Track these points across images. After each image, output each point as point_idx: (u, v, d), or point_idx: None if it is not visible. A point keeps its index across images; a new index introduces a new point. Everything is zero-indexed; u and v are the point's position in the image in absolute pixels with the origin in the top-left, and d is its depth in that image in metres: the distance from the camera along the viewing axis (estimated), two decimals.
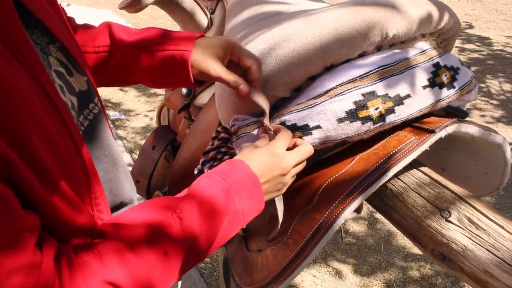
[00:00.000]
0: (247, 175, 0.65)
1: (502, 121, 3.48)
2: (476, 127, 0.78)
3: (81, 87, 0.66)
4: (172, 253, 0.55)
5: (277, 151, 0.69)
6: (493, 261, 0.63)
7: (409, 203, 0.74)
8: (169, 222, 0.56)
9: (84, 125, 0.65)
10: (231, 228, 0.63)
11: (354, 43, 0.76)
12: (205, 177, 0.64)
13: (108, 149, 0.70)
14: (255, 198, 0.65)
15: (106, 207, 0.61)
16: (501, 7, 6.59)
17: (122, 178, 0.73)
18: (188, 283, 2.12)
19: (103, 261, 0.50)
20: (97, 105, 0.70)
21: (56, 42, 0.63)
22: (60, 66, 0.62)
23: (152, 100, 3.89)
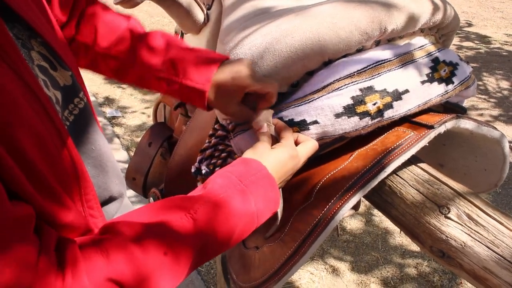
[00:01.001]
0: (264, 177, 0.64)
1: (500, 119, 3.49)
2: (475, 122, 0.77)
3: (66, 81, 0.65)
4: (183, 255, 0.54)
5: (294, 153, 0.69)
6: (493, 258, 0.62)
7: (408, 200, 0.73)
8: (182, 223, 0.55)
9: (70, 120, 0.64)
10: (244, 231, 0.62)
11: (352, 38, 0.75)
12: (221, 176, 0.63)
13: (95, 143, 0.69)
14: (271, 200, 0.65)
15: (96, 202, 0.60)
16: (498, 5, 6.60)
17: (111, 173, 0.72)
18: (185, 280, 2.11)
19: (110, 258, 0.49)
20: (83, 100, 0.69)
21: (38, 37, 0.62)
22: (43, 61, 0.61)
23: (149, 98, 3.88)
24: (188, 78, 0.74)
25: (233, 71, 0.73)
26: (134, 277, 0.50)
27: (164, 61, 0.76)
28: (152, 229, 0.53)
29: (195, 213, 0.56)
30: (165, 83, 0.77)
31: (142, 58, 0.78)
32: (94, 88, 4.08)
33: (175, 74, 0.76)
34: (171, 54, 0.77)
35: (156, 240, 0.52)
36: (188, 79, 0.74)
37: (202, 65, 0.75)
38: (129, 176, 1.22)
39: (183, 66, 0.75)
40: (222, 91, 0.74)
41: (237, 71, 0.72)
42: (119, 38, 0.80)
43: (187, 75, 0.75)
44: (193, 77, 0.74)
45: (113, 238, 0.52)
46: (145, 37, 0.79)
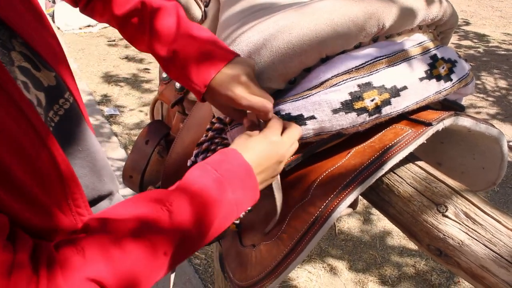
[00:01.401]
0: (240, 165, 0.63)
1: (498, 117, 3.49)
2: (473, 120, 0.77)
3: (50, 82, 0.64)
4: (160, 247, 0.54)
5: (273, 139, 0.67)
6: (490, 256, 0.62)
7: (405, 198, 0.73)
8: (158, 216, 0.54)
9: (55, 121, 0.63)
10: (225, 219, 0.61)
11: (350, 34, 0.75)
12: (197, 168, 0.62)
13: (82, 144, 0.68)
14: (249, 188, 0.63)
15: (84, 201, 0.60)
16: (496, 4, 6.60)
17: (100, 172, 0.72)
18: (182, 279, 2.11)
19: (86, 257, 0.49)
20: (68, 100, 0.68)
21: (17, 37, 0.61)
22: (25, 61, 0.60)
23: (147, 96, 3.87)
24: (187, 75, 0.74)
25: (232, 82, 0.71)
26: (112, 274, 0.49)
27: (168, 50, 0.75)
28: (128, 224, 0.52)
29: (171, 205, 0.55)
30: (167, 67, 0.77)
31: (149, 37, 0.77)
32: (92, 86, 4.07)
33: (175, 65, 0.75)
34: (176, 44, 0.75)
35: (133, 235, 0.52)
36: (186, 77, 0.74)
37: (204, 64, 0.73)
38: (126, 174, 1.22)
39: (184, 61, 0.74)
40: (217, 96, 0.73)
41: (236, 83, 0.71)
42: (131, 9, 0.78)
43: (186, 71, 0.74)
44: (191, 76, 0.74)
45: (89, 236, 0.51)
46: (156, 14, 0.77)
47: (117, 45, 5.03)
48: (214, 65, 0.73)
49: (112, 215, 0.54)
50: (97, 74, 4.32)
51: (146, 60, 4.60)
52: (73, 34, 5.41)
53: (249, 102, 0.70)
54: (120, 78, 4.22)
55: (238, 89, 0.71)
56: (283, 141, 0.68)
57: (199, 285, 2.08)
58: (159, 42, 0.76)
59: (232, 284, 0.82)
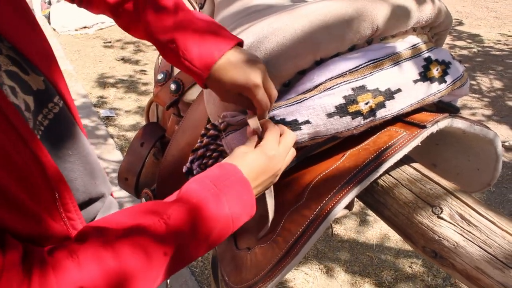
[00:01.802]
0: (239, 181, 0.63)
1: (493, 118, 3.50)
2: (467, 122, 0.77)
3: (39, 85, 0.64)
4: (156, 260, 0.53)
5: (271, 154, 0.67)
6: (485, 258, 0.62)
7: (400, 200, 0.73)
8: (155, 228, 0.54)
9: (44, 125, 0.63)
10: (220, 234, 0.61)
11: (344, 37, 0.75)
12: (195, 181, 0.62)
13: (72, 147, 0.68)
14: (246, 203, 0.63)
15: (74, 205, 0.59)
16: (491, 5, 6.63)
17: (91, 175, 0.71)
18: (179, 281, 2.10)
19: (81, 265, 0.48)
20: (58, 105, 0.67)
21: (4, 41, 0.60)
22: (12, 65, 0.60)
23: (143, 98, 3.86)
24: (188, 59, 0.70)
25: (237, 67, 0.68)
26: (105, 283, 0.49)
27: (167, 33, 0.71)
28: (125, 234, 0.52)
29: (169, 219, 0.55)
30: (165, 52, 0.73)
31: (146, 21, 0.73)
32: (88, 88, 4.06)
33: (174, 50, 0.71)
34: (175, 26, 0.71)
35: (129, 245, 0.52)
36: (187, 61, 0.70)
37: (206, 46, 0.70)
38: (121, 177, 1.21)
39: (184, 44, 0.70)
40: (221, 82, 0.70)
41: (240, 69, 0.68)
42: None
43: (187, 55, 0.70)
44: (193, 59, 0.70)
45: (84, 244, 0.51)
46: None
47: (113, 47, 5.02)
48: (218, 47, 0.69)
49: (108, 224, 0.53)
50: (93, 75, 4.31)
51: (142, 62, 4.59)
52: (69, 35, 5.40)
53: (262, 95, 0.69)
54: (116, 80, 4.21)
55: (258, 77, 0.68)
56: (280, 154, 0.68)
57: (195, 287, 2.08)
58: (156, 24, 0.72)
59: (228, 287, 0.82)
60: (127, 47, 4.98)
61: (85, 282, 0.48)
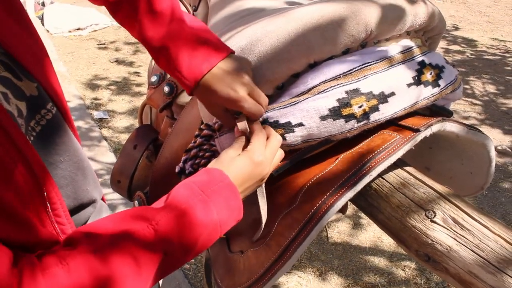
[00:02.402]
0: (226, 187, 0.63)
1: (486, 122, 3.52)
2: (461, 126, 0.77)
3: (32, 91, 0.64)
4: (145, 266, 0.53)
5: (258, 159, 0.67)
6: (478, 262, 0.62)
7: (394, 203, 0.73)
8: (144, 234, 0.54)
9: (36, 131, 0.63)
10: (208, 239, 0.61)
11: (338, 40, 0.75)
12: (183, 187, 0.62)
13: (64, 154, 0.68)
14: (234, 209, 0.64)
15: (64, 210, 0.59)
16: (484, 9, 6.68)
17: (82, 181, 0.71)
18: (172, 284, 2.09)
19: (71, 271, 0.48)
20: (51, 111, 0.67)
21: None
22: (5, 71, 0.59)
23: (137, 99, 3.85)
24: (177, 68, 0.71)
25: (235, 81, 0.69)
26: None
27: (159, 39, 0.71)
28: (114, 240, 0.52)
29: (157, 224, 0.55)
30: (157, 57, 0.74)
31: (140, 24, 0.72)
32: (81, 90, 4.04)
33: (166, 56, 0.72)
34: (168, 33, 0.71)
35: (118, 251, 0.52)
36: (177, 70, 0.71)
37: (196, 58, 0.70)
38: (114, 179, 1.20)
39: (175, 52, 0.71)
40: (210, 94, 0.71)
41: (239, 83, 0.69)
42: None
43: (176, 64, 0.71)
44: (181, 70, 0.71)
45: (74, 250, 0.50)
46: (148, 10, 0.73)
47: (107, 48, 5.00)
48: (208, 60, 0.70)
49: (97, 230, 0.53)
50: (86, 77, 4.29)
51: (136, 64, 4.58)
52: (62, 37, 5.37)
53: (250, 106, 0.69)
54: (110, 82, 4.20)
55: (241, 90, 0.69)
56: (266, 158, 0.68)
57: None
58: (150, 30, 0.72)
59: None
60: (121, 49, 4.96)
61: (75, 287, 0.47)
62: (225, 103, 0.71)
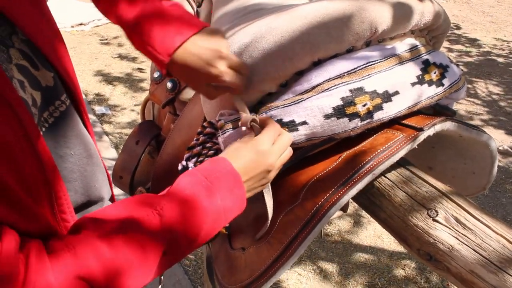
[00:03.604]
0: (229, 173, 0.63)
1: (489, 123, 3.51)
2: (464, 125, 0.77)
3: (48, 82, 0.63)
4: (150, 250, 0.54)
5: (261, 148, 0.67)
6: (480, 262, 0.62)
7: (396, 202, 0.73)
8: (149, 219, 0.54)
9: (49, 122, 0.62)
10: (213, 226, 0.61)
11: (343, 38, 0.74)
12: (187, 175, 0.63)
13: (75, 148, 0.67)
14: (237, 196, 0.64)
15: (69, 207, 0.59)
16: (487, 9, 6.66)
17: (91, 177, 0.71)
18: (172, 280, 2.09)
19: (77, 255, 0.49)
20: (65, 103, 0.67)
21: (19, 34, 0.60)
22: (23, 59, 0.59)
23: (139, 95, 3.85)
24: (149, 42, 0.70)
25: (202, 58, 0.68)
26: (102, 273, 0.49)
27: (132, 15, 0.71)
28: (120, 225, 0.53)
29: (162, 209, 0.56)
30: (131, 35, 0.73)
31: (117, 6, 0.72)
32: (83, 85, 4.04)
33: (139, 33, 0.71)
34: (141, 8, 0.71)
35: (124, 236, 0.52)
36: (149, 44, 0.70)
37: (169, 31, 0.69)
38: (116, 175, 1.21)
39: (148, 28, 0.70)
40: (187, 68, 0.70)
41: (217, 58, 0.68)
42: None
43: (150, 38, 0.70)
44: (154, 43, 0.69)
45: (80, 235, 0.51)
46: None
47: (109, 44, 4.99)
48: (181, 33, 0.69)
49: (103, 216, 0.54)
50: (89, 73, 4.29)
51: (139, 59, 4.58)
52: (64, 32, 5.36)
53: (232, 79, 0.69)
54: (113, 77, 4.19)
55: (220, 64, 0.69)
56: (272, 150, 0.68)
57: (188, 287, 2.07)
58: (125, 9, 0.71)
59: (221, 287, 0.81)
60: (124, 44, 4.96)
61: (81, 271, 0.48)
62: (206, 80, 0.71)
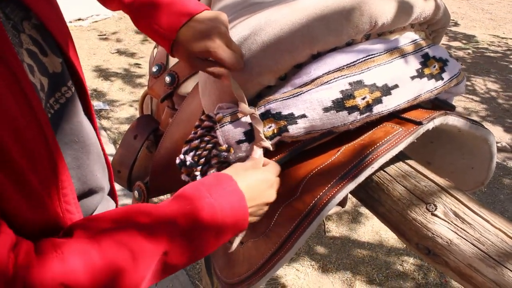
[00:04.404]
0: (234, 192, 0.63)
1: (487, 119, 3.52)
2: (463, 120, 0.77)
3: (55, 68, 0.63)
4: (142, 261, 0.53)
5: (269, 178, 0.68)
6: (478, 256, 0.62)
7: (395, 196, 0.72)
8: (146, 230, 0.54)
9: (54, 108, 0.62)
10: (211, 244, 0.61)
11: (342, 31, 0.74)
12: (191, 188, 0.62)
13: (79, 135, 0.67)
14: (239, 217, 0.63)
15: (73, 197, 0.59)
16: (486, 6, 6.65)
17: (93, 166, 0.71)
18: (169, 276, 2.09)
19: (65, 262, 0.48)
20: (70, 89, 0.67)
21: (32, 19, 0.60)
22: (32, 45, 0.59)
23: (137, 91, 3.84)
24: (157, 23, 0.74)
25: (213, 32, 0.71)
26: (89, 281, 0.48)
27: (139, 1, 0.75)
28: (114, 234, 0.52)
29: (159, 222, 0.55)
30: (136, 18, 0.77)
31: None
32: None
33: (144, 14, 0.75)
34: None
35: (116, 245, 0.51)
36: (156, 24, 0.74)
37: (174, 10, 0.73)
38: (114, 169, 1.20)
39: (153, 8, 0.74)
40: (190, 45, 0.73)
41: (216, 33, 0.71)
42: None
43: (155, 18, 0.74)
44: (160, 21, 0.74)
45: (70, 241, 0.50)
46: None
47: (108, 39, 4.98)
48: (185, 13, 0.73)
49: (98, 222, 0.53)
50: (87, 68, 4.27)
51: (137, 55, 4.57)
52: None
53: (228, 55, 0.71)
54: (111, 73, 4.18)
55: (218, 40, 0.71)
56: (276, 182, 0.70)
57: (186, 282, 2.07)
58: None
59: (220, 282, 0.81)
60: (123, 40, 4.94)
61: (67, 278, 0.47)
62: (204, 54, 0.73)
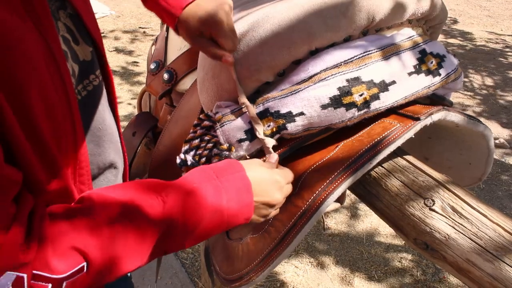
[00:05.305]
0: (241, 178, 0.64)
1: (484, 115, 3.52)
2: (461, 115, 0.77)
3: (85, 56, 0.66)
4: (147, 234, 0.55)
5: (279, 179, 0.68)
6: (476, 250, 0.63)
7: (393, 192, 0.73)
8: (152, 203, 0.55)
9: (82, 95, 0.65)
10: (213, 226, 0.61)
11: (340, 27, 0.74)
12: (199, 170, 0.63)
13: (103, 123, 0.70)
14: (244, 203, 0.63)
15: (88, 179, 0.61)
16: (484, 3, 6.66)
17: (113, 155, 0.73)
18: (169, 273, 2.10)
19: (76, 228, 0.50)
20: (98, 78, 0.69)
21: (67, 8, 0.63)
22: (66, 33, 0.62)
23: (135, 88, 3.83)
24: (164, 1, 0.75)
25: (217, 7, 0.73)
26: (97, 248, 0.51)
27: None
28: (123, 205, 0.54)
29: (166, 196, 0.56)
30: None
31: None
32: None
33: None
34: None
35: (124, 216, 0.53)
36: (165, 1, 0.75)
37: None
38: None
39: None
40: (193, 21, 0.74)
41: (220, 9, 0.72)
42: None
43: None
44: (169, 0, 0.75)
45: (83, 209, 0.52)
46: None
47: (106, 37, 4.97)
48: None
49: (109, 194, 0.55)
50: None
51: (135, 53, 4.56)
52: None
53: (228, 30, 0.72)
54: None
55: (222, 15, 0.72)
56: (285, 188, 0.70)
57: (185, 279, 2.08)
58: None
59: (219, 278, 0.81)
60: (120, 38, 4.93)
61: (78, 243, 0.49)
62: (206, 27, 0.73)
